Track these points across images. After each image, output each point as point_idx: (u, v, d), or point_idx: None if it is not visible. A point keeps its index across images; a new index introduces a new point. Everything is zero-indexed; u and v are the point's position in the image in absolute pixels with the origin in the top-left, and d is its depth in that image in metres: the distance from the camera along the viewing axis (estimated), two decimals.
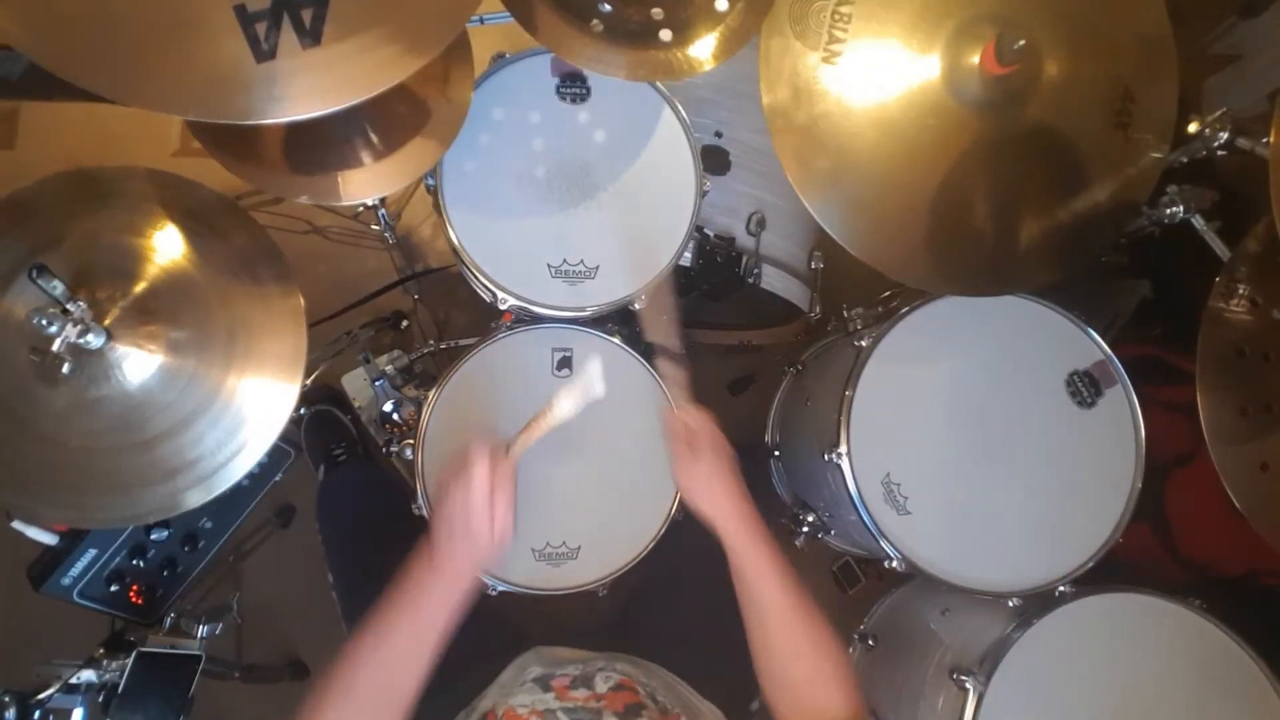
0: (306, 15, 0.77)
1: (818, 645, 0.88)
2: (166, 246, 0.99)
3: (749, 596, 0.92)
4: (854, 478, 1.14)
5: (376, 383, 1.44)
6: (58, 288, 0.86)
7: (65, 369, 0.89)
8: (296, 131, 1.07)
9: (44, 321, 0.85)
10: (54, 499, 0.94)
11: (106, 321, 0.92)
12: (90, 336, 0.89)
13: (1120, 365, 1.19)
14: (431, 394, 1.18)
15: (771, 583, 0.91)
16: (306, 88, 0.77)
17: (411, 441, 1.19)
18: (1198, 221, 1.13)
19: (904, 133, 1.02)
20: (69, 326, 0.87)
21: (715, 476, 0.95)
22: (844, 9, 1.02)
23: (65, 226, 0.96)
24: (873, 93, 1.02)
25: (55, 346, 0.87)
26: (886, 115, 1.02)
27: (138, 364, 0.94)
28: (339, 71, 0.78)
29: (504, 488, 0.87)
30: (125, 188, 0.99)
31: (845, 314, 1.35)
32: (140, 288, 0.96)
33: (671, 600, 1.23)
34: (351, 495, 1.31)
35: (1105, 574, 1.15)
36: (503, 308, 1.18)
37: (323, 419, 1.70)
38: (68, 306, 0.87)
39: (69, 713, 1.09)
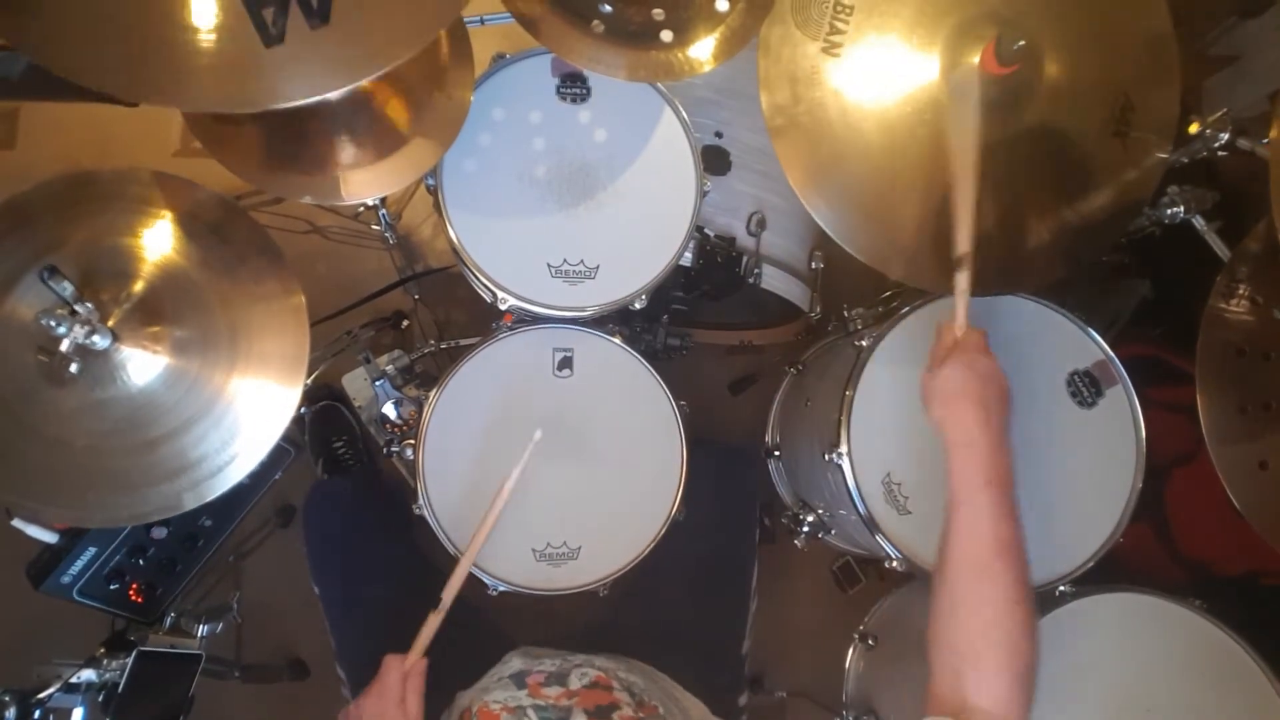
0: None
1: (993, 619, 0.77)
2: (167, 248, 0.99)
3: (945, 532, 0.84)
4: (854, 478, 1.14)
5: (377, 383, 1.44)
6: (67, 289, 0.87)
7: (73, 369, 0.89)
8: (298, 131, 1.07)
9: (52, 322, 0.85)
10: (58, 498, 0.94)
11: (110, 323, 0.92)
12: (96, 337, 0.89)
13: (1120, 365, 1.19)
14: (432, 394, 1.18)
15: (967, 529, 0.82)
16: (319, 67, 0.77)
17: (412, 441, 1.19)
18: (1198, 221, 1.13)
19: (903, 129, 1.02)
20: (77, 327, 0.87)
21: (959, 391, 0.88)
22: (846, 0, 1.01)
23: (67, 229, 0.96)
24: (872, 87, 1.02)
25: (63, 347, 0.87)
26: (886, 110, 1.02)
27: (142, 365, 0.94)
28: (351, 48, 0.77)
29: (414, 684, 0.96)
30: (126, 190, 1.00)
31: (845, 314, 1.35)
32: (143, 289, 0.96)
33: (666, 602, 1.23)
34: (337, 515, 1.31)
35: (1105, 574, 1.15)
36: (503, 308, 1.18)
37: (326, 414, 1.70)
38: (76, 308, 0.87)
39: (69, 712, 1.09)
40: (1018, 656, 0.77)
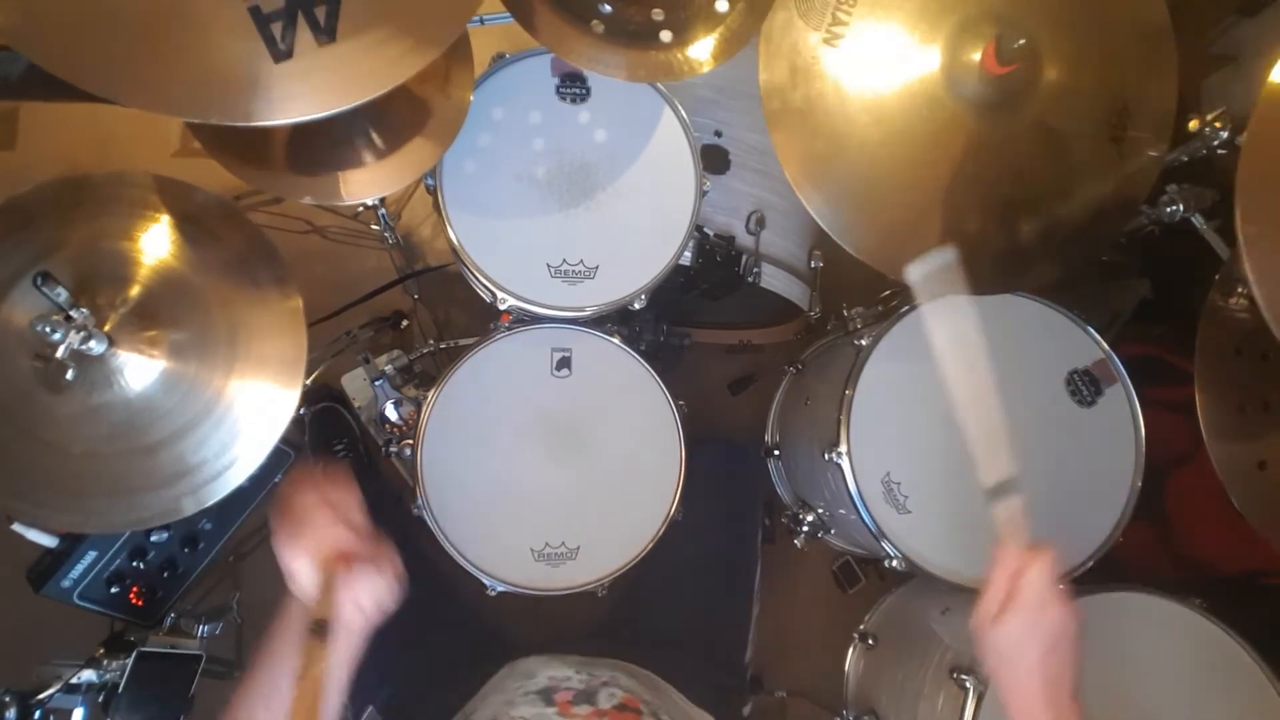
0: (320, 13, 0.77)
1: None
2: (164, 251, 0.98)
3: None
4: (854, 477, 1.14)
5: (376, 383, 1.44)
6: (62, 295, 0.86)
7: (69, 375, 0.89)
8: (298, 132, 1.07)
9: (47, 329, 0.85)
10: (57, 504, 0.93)
11: (107, 327, 0.92)
12: (92, 343, 0.89)
13: (1120, 364, 1.19)
14: (431, 394, 1.18)
15: None
16: (326, 83, 0.77)
17: (411, 441, 1.19)
18: (1197, 220, 1.13)
19: (902, 126, 1.02)
20: (72, 333, 0.86)
21: (1018, 656, 0.77)
22: None
23: (64, 233, 0.96)
24: (872, 80, 1.02)
25: (59, 354, 0.86)
26: (884, 106, 1.02)
27: (139, 369, 0.94)
28: (358, 65, 0.78)
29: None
30: (123, 193, 0.99)
31: (845, 313, 1.36)
32: (139, 293, 0.96)
33: (665, 603, 1.23)
34: None
35: (1105, 574, 1.15)
36: (502, 308, 1.18)
37: (327, 415, 1.70)
38: (71, 313, 0.87)
39: (69, 712, 1.10)
40: None
